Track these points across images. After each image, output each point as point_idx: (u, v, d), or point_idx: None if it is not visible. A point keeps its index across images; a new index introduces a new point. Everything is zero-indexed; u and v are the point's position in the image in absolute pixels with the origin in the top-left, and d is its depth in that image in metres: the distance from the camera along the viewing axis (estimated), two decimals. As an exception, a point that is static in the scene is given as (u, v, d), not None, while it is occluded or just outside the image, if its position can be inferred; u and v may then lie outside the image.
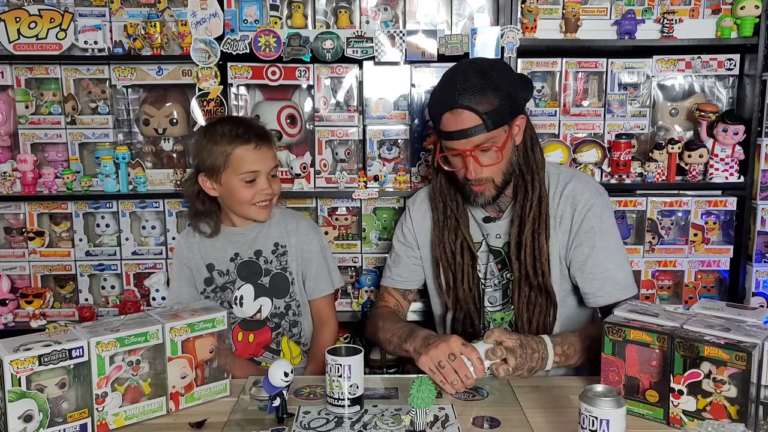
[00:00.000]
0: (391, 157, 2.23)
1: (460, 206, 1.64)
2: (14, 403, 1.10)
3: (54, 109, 2.21)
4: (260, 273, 1.76)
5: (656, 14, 2.16)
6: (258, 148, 1.68)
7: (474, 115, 1.44)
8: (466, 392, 1.37)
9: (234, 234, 1.78)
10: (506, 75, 1.52)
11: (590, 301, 1.57)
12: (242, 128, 1.69)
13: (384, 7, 2.20)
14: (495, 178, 1.53)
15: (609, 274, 1.54)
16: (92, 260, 2.25)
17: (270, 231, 1.78)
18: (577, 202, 1.56)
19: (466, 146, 1.47)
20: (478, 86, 1.45)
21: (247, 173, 1.67)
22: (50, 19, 2.10)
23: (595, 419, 1.04)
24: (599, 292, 1.55)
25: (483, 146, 1.47)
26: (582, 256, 1.55)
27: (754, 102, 2.14)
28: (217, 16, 2.08)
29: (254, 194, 1.69)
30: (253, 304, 1.76)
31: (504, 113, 1.47)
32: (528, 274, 1.56)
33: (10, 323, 2.21)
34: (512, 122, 1.51)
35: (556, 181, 1.60)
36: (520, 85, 1.56)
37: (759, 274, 2.20)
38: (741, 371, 1.12)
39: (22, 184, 2.20)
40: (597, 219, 1.55)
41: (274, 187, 1.73)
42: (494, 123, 1.45)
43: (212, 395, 1.36)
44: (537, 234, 1.55)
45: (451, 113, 1.46)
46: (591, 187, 1.59)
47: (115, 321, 1.29)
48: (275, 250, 1.77)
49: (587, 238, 1.54)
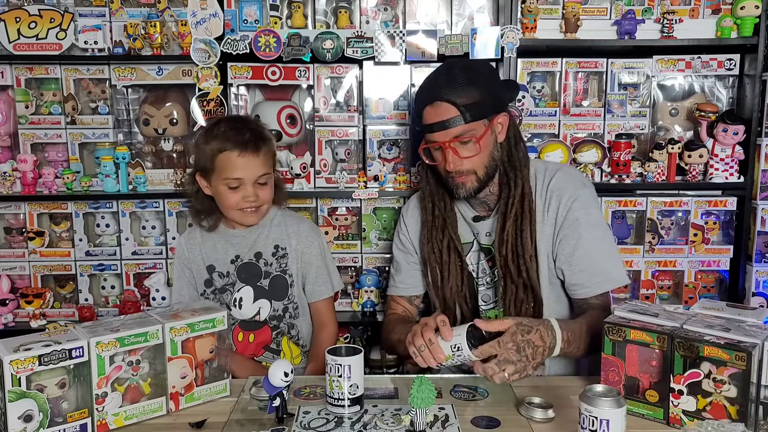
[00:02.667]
0: (391, 157, 2.23)
1: (448, 206, 1.66)
2: (14, 403, 1.10)
3: (54, 109, 2.21)
4: (260, 275, 1.76)
5: (656, 14, 2.16)
6: (242, 155, 1.63)
7: (452, 108, 1.50)
8: (466, 392, 1.38)
9: (234, 236, 1.77)
10: (488, 74, 1.58)
11: (578, 292, 1.56)
12: (234, 132, 1.65)
13: (384, 7, 2.20)
14: (477, 171, 1.55)
15: (597, 266, 1.54)
16: (92, 260, 2.25)
17: (270, 233, 1.78)
18: (562, 195, 1.57)
19: (445, 137, 1.52)
20: (458, 81, 1.51)
21: (230, 179, 1.64)
22: (50, 19, 2.10)
23: (595, 419, 1.05)
24: (588, 283, 1.54)
25: (461, 137, 1.51)
26: (568, 248, 1.55)
27: (754, 102, 2.14)
28: (217, 16, 2.08)
29: (238, 200, 1.66)
30: (252, 306, 1.76)
31: (483, 108, 1.51)
32: (511, 270, 1.56)
33: (10, 323, 2.22)
34: (493, 118, 1.54)
35: (543, 176, 1.61)
36: (504, 86, 1.61)
37: (759, 274, 2.20)
38: (741, 371, 1.12)
39: (22, 184, 2.20)
40: (582, 211, 1.55)
41: (262, 194, 1.68)
42: (472, 116, 1.50)
43: (212, 395, 1.36)
44: (520, 230, 1.55)
45: (432, 106, 1.53)
46: (575, 180, 1.60)
47: (115, 321, 1.29)
48: (275, 253, 1.77)
49: (572, 230, 1.55)
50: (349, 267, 2.31)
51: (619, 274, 1.57)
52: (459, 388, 1.41)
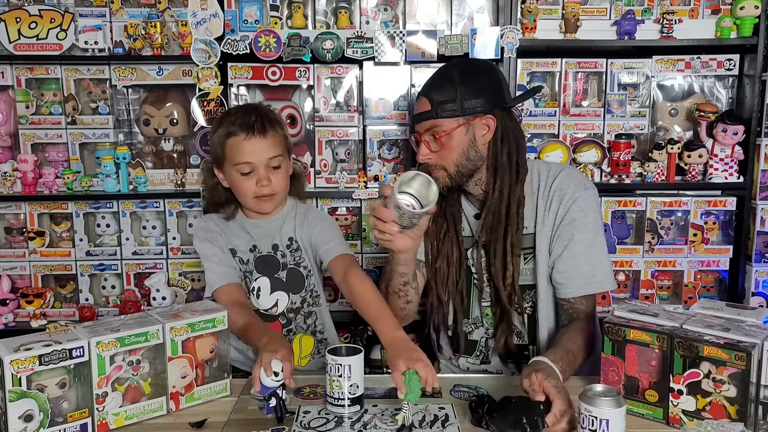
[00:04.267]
0: (391, 157, 2.23)
1: (455, 200, 1.66)
2: (14, 402, 1.10)
3: (54, 109, 2.21)
4: (277, 267, 1.72)
5: (656, 14, 2.16)
6: (249, 138, 1.59)
7: (428, 102, 1.56)
8: (465, 392, 1.38)
9: (254, 226, 1.73)
10: (482, 75, 1.58)
11: (560, 292, 1.56)
12: (240, 116, 1.63)
13: (384, 8, 2.20)
14: (447, 168, 1.57)
15: (582, 268, 1.53)
16: (93, 260, 2.25)
17: (285, 225, 1.73)
18: (563, 195, 1.57)
19: (420, 130, 1.60)
20: (441, 80, 1.58)
21: (241, 164, 1.61)
22: (50, 19, 2.10)
23: (595, 419, 1.05)
24: (569, 283, 1.54)
25: (430, 131, 1.56)
26: (560, 247, 1.55)
27: (753, 102, 2.15)
28: (218, 17, 2.08)
29: (253, 187, 1.63)
30: (270, 298, 1.72)
31: (459, 107, 1.53)
32: (498, 271, 1.56)
33: (10, 323, 2.22)
34: (472, 118, 1.54)
35: (546, 176, 1.61)
36: (502, 90, 1.59)
37: (758, 274, 2.20)
38: (740, 371, 1.12)
39: (23, 184, 2.21)
40: (579, 212, 1.55)
41: (275, 180, 1.63)
42: (443, 112, 1.54)
43: (212, 395, 1.36)
44: (498, 234, 1.56)
45: (417, 100, 1.62)
46: (577, 181, 1.60)
47: (115, 321, 1.29)
48: (289, 245, 1.73)
49: (567, 230, 1.55)
50: (349, 267, 2.31)
51: (604, 279, 1.55)
52: (459, 388, 1.41)
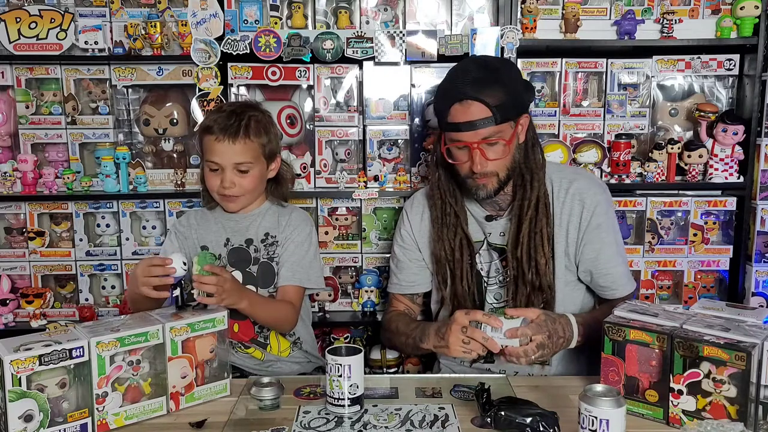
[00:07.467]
0: (391, 157, 2.23)
1: (459, 203, 1.65)
2: (14, 402, 1.10)
3: (54, 109, 2.21)
4: (249, 261, 1.76)
5: (656, 14, 2.16)
6: (219, 140, 1.64)
7: (484, 107, 1.46)
8: (465, 391, 1.38)
9: (229, 220, 1.78)
10: (513, 73, 1.57)
11: (607, 294, 1.62)
12: (222, 116, 1.67)
13: (384, 8, 2.20)
14: (499, 173, 1.54)
15: (619, 269, 1.61)
16: (92, 260, 2.25)
17: (263, 221, 1.77)
18: (584, 200, 1.59)
19: (474, 138, 1.48)
20: (488, 80, 1.47)
21: (210, 162, 1.68)
22: (50, 19, 2.10)
23: (595, 419, 1.05)
24: (614, 285, 1.61)
25: (490, 139, 1.49)
26: (593, 252, 1.59)
27: (753, 102, 2.15)
28: (218, 17, 2.08)
29: (217, 185, 1.68)
30: None
31: (510, 109, 1.50)
32: (524, 272, 1.57)
33: (10, 323, 2.22)
34: (518, 119, 1.54)
35: (560, 179, 1.62)
36: (524, 86, 1.60)
37: (758, 274, 2.20)
38: (740, 371, 1.12)
39: (23, 184, 2.21)
40: (604, 216, 1.60)
41: (240, 183, 1.67)
42: (502, 117, 1.47)
43: (212, 395, 1.36)
44: (534, 233, 1.56)
45: (461, 104, 1.48)
46: (595, 185, 1.65)
47: (115, 321, 1.30)
48: (264, 240, 1.76)
49: (596, 235, 1.58)
50: (349, 267, 2.31)
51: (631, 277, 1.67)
52: (459, 388, 1.41)
